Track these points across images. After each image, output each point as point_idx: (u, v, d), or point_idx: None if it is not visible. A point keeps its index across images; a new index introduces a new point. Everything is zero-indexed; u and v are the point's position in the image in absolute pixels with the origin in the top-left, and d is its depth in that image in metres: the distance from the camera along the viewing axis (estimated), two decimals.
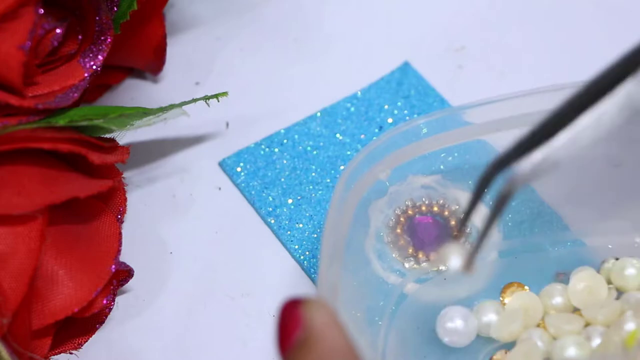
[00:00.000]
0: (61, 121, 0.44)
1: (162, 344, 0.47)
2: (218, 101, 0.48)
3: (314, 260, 0.48)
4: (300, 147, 0.52)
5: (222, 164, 0.52)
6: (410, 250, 0.48)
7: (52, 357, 0.46)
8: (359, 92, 0.54)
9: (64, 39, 0.46)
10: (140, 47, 0.52)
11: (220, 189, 0.51)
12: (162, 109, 0.47)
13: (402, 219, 0.49)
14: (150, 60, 0.53)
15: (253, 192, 0.51)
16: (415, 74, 0.54)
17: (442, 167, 0.50)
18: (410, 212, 0.49)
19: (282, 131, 0.53)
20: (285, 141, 0.52)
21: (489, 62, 0.55)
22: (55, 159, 0.45)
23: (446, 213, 0.49)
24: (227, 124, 0.53)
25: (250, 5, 0.58)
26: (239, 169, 0.51)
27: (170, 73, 0.55)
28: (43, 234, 0.43)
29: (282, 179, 0.51)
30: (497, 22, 0.57)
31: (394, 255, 0.48)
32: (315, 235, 0.49)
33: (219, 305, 0.48)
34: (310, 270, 0.48)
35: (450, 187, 0.50)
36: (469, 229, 0.48)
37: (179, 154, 0.52)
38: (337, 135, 0.52)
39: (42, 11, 0.43)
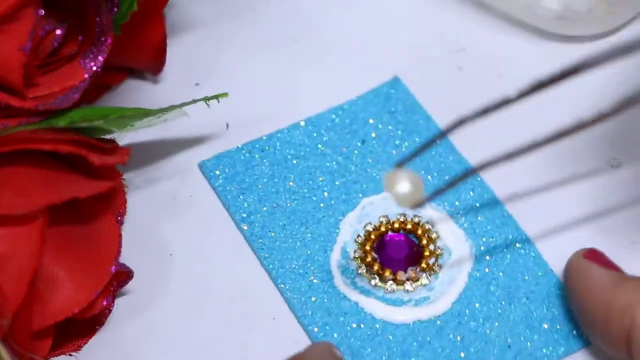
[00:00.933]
0: (61, 122, 0.44)
1: (162, 346, 0.47)
2: (218, 102, 0.48)
3: (282, 270, 0.48)
4: (281, 155, 0.52)
5: (201, 166, 0.52)
6: (376, 268, 0.48)
7: (52, 358, 0.46)
8: (345, 105, 0.53)
9: (64, 40, 0.46)
10: (141, 48, 0.52)
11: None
12: (162, 110, 0.48)
13: (372, 235, 0.48)
14: (150, 61, 0.53)
15: (229, 197, 0.50)
16: (404, 90, 0.54)
17: None
18: (382, 228, 0.49)
19: (264, 137, 0.52)
20: (267, 147, 0.52)
21: (488, 63, 0.55)
22: (56, 160, 0.45)
23: (419, 232, 0.48)
24: (228, 125, 0.53)
25: (251, 5, 0.58)
26: (217, 172, 0.51)
27: (171, 74, 0.55)
28: (43, 235, 0.43)
29: (260, 186, 0.51)
30: (497, 23, 0.57)
31: (359, 271, 0.48)
32: (286, 245, 0.49)
33: (218, 308, 0.48)
34: (277, 280, 0.48)
35: (427, 207, 0.49)
36: (440, 250, 0.48)
37: (179, 155, 0.52)
38: (319, 145, 0.52)
39: (42, 12, 0.43)
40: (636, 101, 0.42)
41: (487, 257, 0.48)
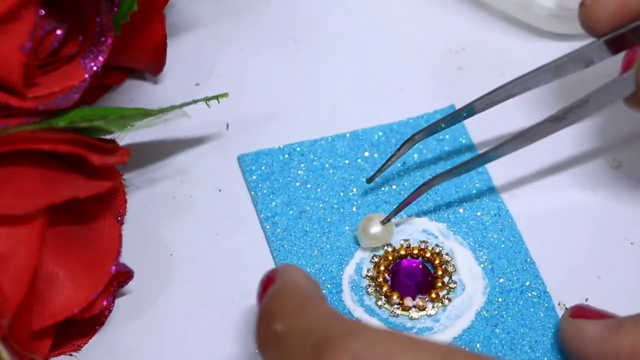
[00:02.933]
0: (61, 122, 0.44)
1: (162, 346, 0.47)
2: (218, 102, 0.48)
3: None
4: (319, 162, 0.51)
5: (240, 159, 0.52)
6: (385, 289, 0.47)
7: (52, 358, 0.46)
8: (394, 124, 0.53)
9: (65, 40, 0.46)
10: (141, 48, 0.52)
11: (220, 190, 0.51)
12: (163, 110, 0.47)
13: (390, 257, 0.48)
14: (150, 61, 0.53)
15: (259, 194, 0.51)
16: None
17: (450, 216, 0.50)
18: (402, 252, 0.49)
19: (307, 142, 0.52)
20: (307, 152, 0.52)
21: (488, 63, 0.55)
22: (56, 160, 0.45)
23: (437, 262, 0.48)
24: (227, 126, 0.53)
25: (251, 6, 0.58)
26: (253, 167, 0.51)
27: (171, 74, 0.55)
28: (43, 235, 0.43)
29: (291, 189, 0.51)
30: (497, 23, 0.57)
31: (368, 290, 0.48)
32: (303, 251, 0.49)
33: (219, 308, 0.48)
34: None
35: (451, 238, 0.49)
36: (454, 284, 0.48)
37: (179, 156, 0.52)
38: (359, 160, 0.52)
39: (42, 12, 0.43)
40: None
41: (500, 299, 0.48)
